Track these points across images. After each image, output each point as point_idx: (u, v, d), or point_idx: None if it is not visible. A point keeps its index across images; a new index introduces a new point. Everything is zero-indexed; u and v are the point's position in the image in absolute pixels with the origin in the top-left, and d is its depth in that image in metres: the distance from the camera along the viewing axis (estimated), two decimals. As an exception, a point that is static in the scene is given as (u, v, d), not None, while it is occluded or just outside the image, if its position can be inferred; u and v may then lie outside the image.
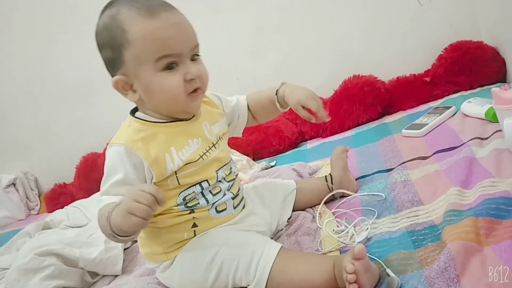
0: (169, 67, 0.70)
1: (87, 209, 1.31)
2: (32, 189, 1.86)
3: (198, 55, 0.74)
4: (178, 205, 0.75)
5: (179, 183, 0.74)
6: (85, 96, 1.76)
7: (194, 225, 0.76)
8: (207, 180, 0.76)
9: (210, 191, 0.77)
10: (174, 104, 0.73)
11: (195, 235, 0.76)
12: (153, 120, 0.75)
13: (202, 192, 0.76)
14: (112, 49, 0.70)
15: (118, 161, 0.70)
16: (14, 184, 1.79)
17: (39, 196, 1.87)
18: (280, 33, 1.64)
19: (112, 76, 0.73)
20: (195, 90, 0.73)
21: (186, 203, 0.75)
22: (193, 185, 0.75)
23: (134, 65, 0.70)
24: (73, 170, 1.74)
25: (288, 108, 0.90)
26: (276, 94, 0.89)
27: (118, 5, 0.70)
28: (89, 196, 1.48)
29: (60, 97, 1.79)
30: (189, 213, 0.75)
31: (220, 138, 0.82)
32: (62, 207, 1.46)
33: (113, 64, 0.72)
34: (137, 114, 0.77)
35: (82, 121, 1.79)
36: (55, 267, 0.93)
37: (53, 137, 1.84)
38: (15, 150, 1.88)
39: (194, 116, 0.79)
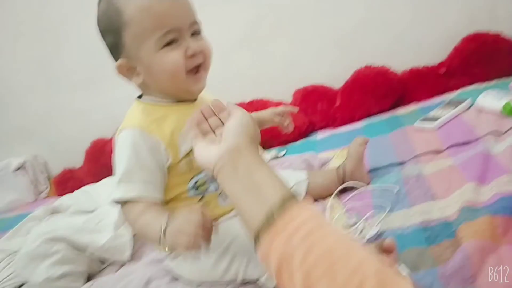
0: (169, 43, 0.67)
1: (96, 194, 1.31)
2: (41, 172, 1.87)
3: (199, 33, 0.71)
4: (188, 190, 0.73)
5: (192, 166, 0.72)
6: (96, 81, 1.75)
7: None
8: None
9: None
10: (175, 82, 0.70)
11: None
12: (160, 102, 0.73)
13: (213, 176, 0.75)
14: (112, 33, 0.69)
15: (133, 145, 0.68)
16: (24, 167, 1.80)
17: (48, 180, 1.88)
18: (291, 22, 1.61)
19: (116, 55, 0.71)
20: (197, 70, 0.70)
21: (197, 187, 0.74)
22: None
23: (134, 46, 0.68)
24: (82, 155, 1.74)
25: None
26: None
27: None
28: (97, 181, 1.48)
29: (70, 81, 1.78)
30: (200, 199, 0.75)
31: None
32: (71, 192, 1.46)
33: (115, 49, 0.71)
34: (143, 98, 0.75)
35: (92, 106, 1.79)
36: (63, 253, 0.93)
37: (63, 122, 1.84)
38: (25, 134, 1.89)
39: (197, 99, 0.77)
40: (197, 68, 0.70)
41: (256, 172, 0.52)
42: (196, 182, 0.73)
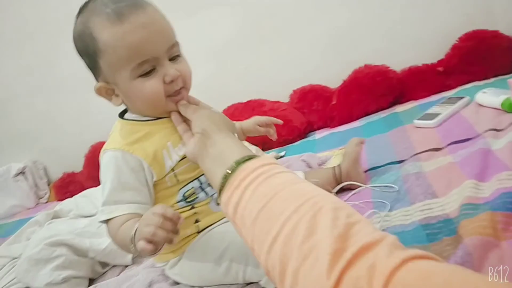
0: (146, 72, 0.65)
1: (96, 198, 1.31)
2: (41, 178, 1.87)
3: (178, 55, 0.69)
4: (178, 202, 0.73)
5: (177, 180, 0.72)
6: (93, 85, 1.75)
7: (196, 221, 0.75)
8: (203, 175, 0.74)
9: (208, 184, 0.75)
10: (156, 108, 0.70)
11: (198, 231, 0.75)
12: (144, 119, 0.72)
13: (200, 187, 0.75)
14: (87, 57, 0.68)
15: (116, 166, 0.68)
16: (23, 173, 1.80)
17: (48, 185, 1.88)
18: (288, 22, 1.62)
19: (95, 77, 0.71)
20: (178, 93, 0.69)
21: (186, 198, 0.74)
22: (191, 181, 0.73)
23: (110, 73, 0.67)
24: (82, 159, 1.75)
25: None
26: None
27: (90, 10, 0.66)
28: (97, 185, 1.45)
29: (69, 86, 1.79)
30: (190, 208, 0.74)
31: None
32: (71, 196, 1.46)
33: (93, 70, 0.70)
34: (127, 115, 0.74)
35: (91, 110, 1.78)
36: (65, 257, 0.93)
37: (62, 126, 1.85)
38: (24, 139, 1.89)
39: None
40: (178, 91, 0.69)
41: (220, 145, 0.60)
42: (184, 194, 0.73)
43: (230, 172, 0.53)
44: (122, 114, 0.75)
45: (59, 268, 0.92)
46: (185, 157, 0.71)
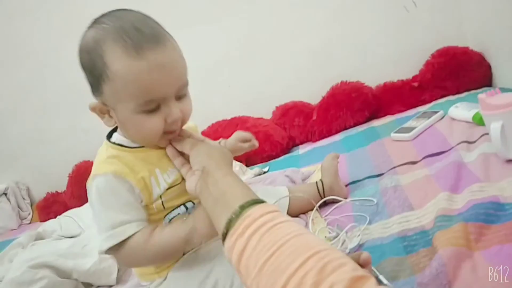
0: (150, 110, 0.64)
1: (80, 218, 1.30)
2: (24, 198, 1.84)
3: (185, 94, 0.68)
4: None
5: (164, 207, 0.72)
6: (77, 104, 1.73)
7: None
8: (191, 201, 0.74)
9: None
10: (149, 142, 0.70)
11: (183, 253, 0.75)
12: (132, 146, 0.71)
13: (187, 211, 0.74)
14: (91, 75, 0.66)
15: (112, 189, 0.67)
16: (5, 194, 1.77)
17: (31, 205, 1.86)
18: (269, 41, 1.66)
19: (93, 93, 0.69)
20: (174, 131, 0.69)
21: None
22: (177, 207, 0.73)
23: (112, 100, 0.65)
24: (66, 178, 1.73)
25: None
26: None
27: (107, 29, 0.63)
28: (82, 204, 1.47)
29: (51, 105, 1.78)
30: None
31: None
32: (55, 216, 1.45)
33: (93, 88, 0.68)
34: (115, 137, 0.73)
35: (74, 130, 1.78)
36: (48, 280, 0.92)
37: (45, 146, 1.82)
38: (6, 159, 1.87)
39: None
40: (174, 130, 0.69)
41: (222, 184, 0.60)
42: (170, 220, 0.73)
43: (234, 217, 0.52)
44: (110, 134, 0.74)
45: (43, 291, 0.91)
46: (174, 185, 0.72)
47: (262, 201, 0.55)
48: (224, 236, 0.53)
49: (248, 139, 0.91)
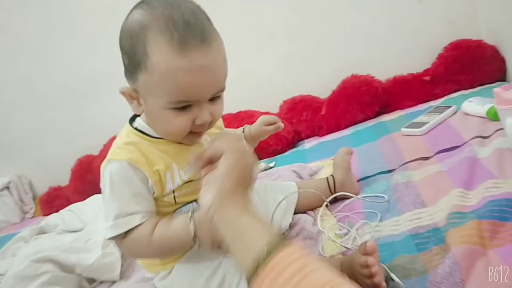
0: (181, 108, 0.63)
1: (83, 212, 1.29)
2: (26, 192, 1.84)
3: (219, 97, 0.67)
4: None
5: (175, 201, 0.71)
6: (80, 98, 1.74)
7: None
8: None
9: None
10: (173, 138, 0.69)
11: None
12: (153, 135, 0.70)
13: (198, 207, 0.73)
14: (129, 61, 0.64)
15: (125, 177, 0.66)
16: (8, 188, 1.77)
17: (33, 199, 1.86)
18: (278, 33, 1.63)
19: (127, 77, 0.67)
20: (201, 133, 0.68)
21: None
22: (189, 203, 0.72)
23: (145, 90, 0.64)
24: (68, 172, 1.72)
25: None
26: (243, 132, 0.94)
27: (155, 14, 0.60)
28: (84, 199, 1.46)
29: (54, 99, 1.77)
30: None
31: None
32: (57, 210, 1.44)
33: (127, 73, 0.66)
34: (138, 122, 0.72)
35: (77, 123, 1.77)
36: (51, 274, 0.91)
37: (48, 140, 1.82)
38: (9, 153, 1.86)
39: None
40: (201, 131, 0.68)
41: (243, 216, 0.54)
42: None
43: (260, 261, 0.48)
44: (133, 118, 0.73)
45: (45, 285, 0.90)
46: (190, 181, 0.70)
47: (284, 239, 0.51)
48: (249, 276, 0.49)
49: (273, 122, 0.91)
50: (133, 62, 0.62)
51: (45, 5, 1.66)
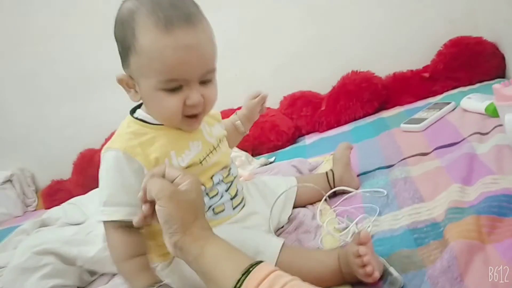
0: (171, 89, 0.65)
1: (84, 206, 1.30)
2: (29, 185, 1.85)
3: (210, 80, 0.68)
4: None
5: None
6: (82, 92, 1.75)
7: None
8: (202, 184, 0.74)
9: (206, 194, 0.76)
10: (169, 122, 0.71)
11: None
12: (153, 122, 0.72)
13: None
14: (121, 46, 0.67)
15: (118, 167, 0.68)
16: (10, 181, 1.78)
17: (36, 193, 1.86)
18: (278, 30, 1.63)
19: (122, 65, 0.70)
20: (195, 116, 0.69)
21: None
22: None
23: (137, 73, 0.66)
24: (70, 166, 1.73)
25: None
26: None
27: (142, 1, 0.63)
28: (86, 192, 1.46)
29: (57, 92, 1.78)
30: None
31: (220, 141, 0.81)
32: (59, 204, 1.45)
33: (122, 59, 0.69)
34: (138, 113, 0.74)
35: (79, 117, 1.78)
36: (52, 266, 0.92)
37: (50, 133, 1.83)
38: (12, 146, 1.87)
39: None
40: (195, 114, 0.69)
41: (204, 257, 0.56)
42: None
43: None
44: (134, 109, 0.75)
45: (47, 277, 0.90)
46: (187, 167, 0.71)
47: (251, 267, 0.53)
48: None
49: (257, 94, 0.94)
50: (124, 48, 0.65)
51: (48, 0, 1.66)
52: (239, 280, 0.51)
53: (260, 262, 0.54)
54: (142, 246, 0.73)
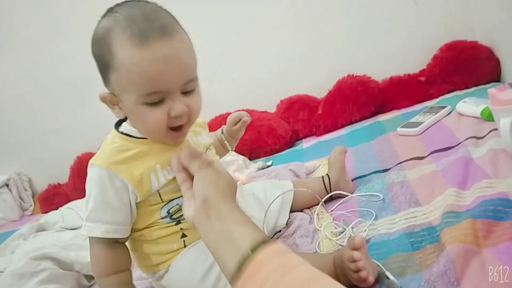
0: (153, 102, 0.63)
1: (82, 210, 1.29)
2: (25, 190, 1.84)
3: (193, 90, 0.67)
4: (163, 218, 0.73)
5: (161, 199, 0.72)
6: (79, 96, 1.74)
7: (183, 235, 0.74)
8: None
9: None
10: (154, 136, 0.69)
11: (185, 245, 0.74)
12: (138, 136, 0.71)
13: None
14: (100, 64, 0.66)
15: (100, 184, 0.68)
16: (7, 185, 1.77)
17: (32, 197, 1.85)
18: (275, 33, 1.64)
19: (104, 83, 0.69)
20: (179, 127, 0.67)
21: (171, 215, 0.73)
22: (176, 198, 0.73)
23: (118, 90, 0.65)
24: (67, 170, 1.73)
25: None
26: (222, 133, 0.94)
27: (117, 18, 0.63)
28: (83, 196, 1.43)
29: (54, 96, 1.77)
30: (176, 224, 0.73)
31: (207, 149, 0.81)
32: (57, 208, 1.44)
33: (102, 77, 0.68)
34: (123, 126, 0.73)
35: (76, 121, 1.78)
36: (50, 271, 0.91)
37: (47, 137, 1.82)
38: (8, 150, 1.86)
39: None
40: (180, 126, 0.68)
41: (227, 220, 0.57)
42: (168, 211, 0.73)
43: (244, 259, 0.50)
44: (119, 122, 0.74)
45: (44, 282, 0.90)
46: (173, 179, 0.71)
47: (270, 239, 0.53)
48: (232, 278, 0.51)
49: (237, 119, 0.91)
50: (103, 65, 0.65)
51: (48, 2, 1.66)
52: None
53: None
54: (124, 263, 0.73)
